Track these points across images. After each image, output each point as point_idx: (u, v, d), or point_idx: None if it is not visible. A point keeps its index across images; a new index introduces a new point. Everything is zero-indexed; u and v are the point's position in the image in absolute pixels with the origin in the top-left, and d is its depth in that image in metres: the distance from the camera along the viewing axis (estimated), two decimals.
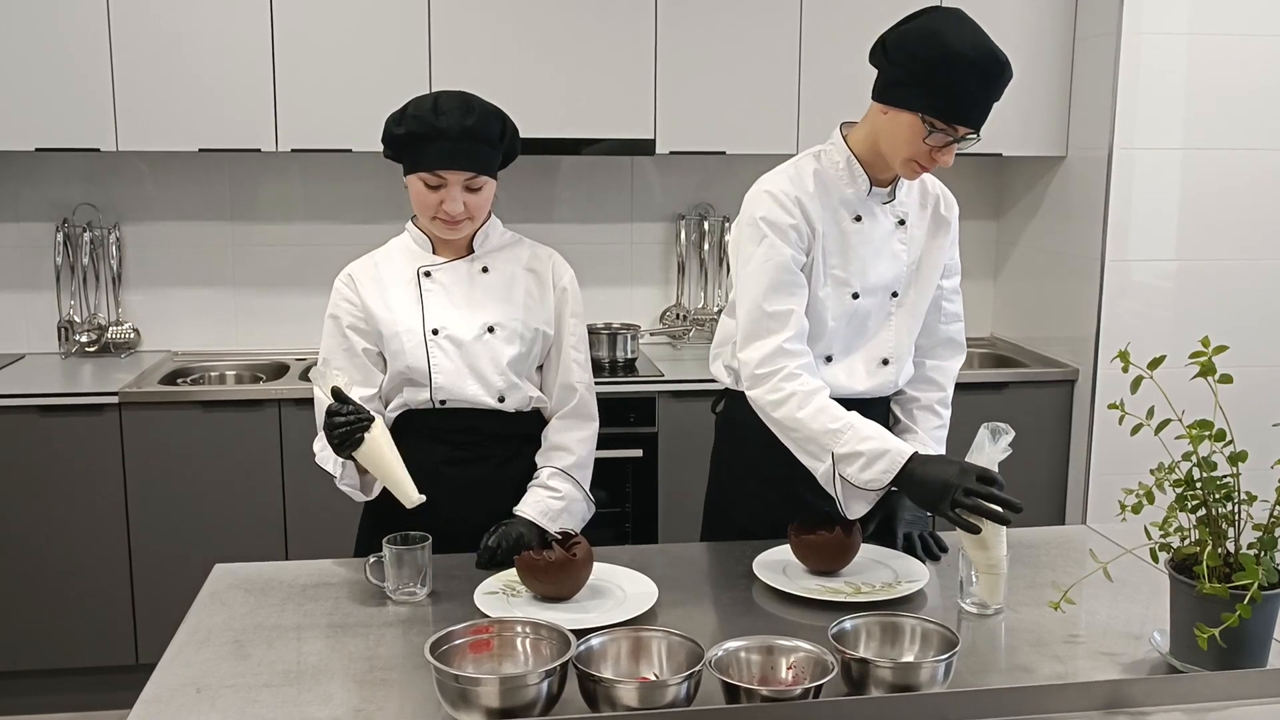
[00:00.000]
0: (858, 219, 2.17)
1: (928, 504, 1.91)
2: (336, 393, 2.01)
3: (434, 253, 2.23)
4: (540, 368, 2.28)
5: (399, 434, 2.12)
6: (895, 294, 2.22)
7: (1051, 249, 4.00)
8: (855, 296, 2.17)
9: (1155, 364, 1.67)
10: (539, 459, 2.25)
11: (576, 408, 2.28)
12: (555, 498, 2.19)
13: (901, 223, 2.22)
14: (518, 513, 2.15)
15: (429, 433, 2.18)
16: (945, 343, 2.34)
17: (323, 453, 2.13)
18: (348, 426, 1.98)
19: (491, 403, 2.18)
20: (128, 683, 3.49)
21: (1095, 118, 3.72)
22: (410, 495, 1.99)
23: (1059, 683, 1.63)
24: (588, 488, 2.26)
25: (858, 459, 1.98)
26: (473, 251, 2.23)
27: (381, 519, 2.15)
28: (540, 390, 2.27)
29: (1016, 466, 3.80)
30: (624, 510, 3.59)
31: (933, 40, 1.98)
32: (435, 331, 2.17)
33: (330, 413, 2.00)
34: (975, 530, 1.84)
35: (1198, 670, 1.64)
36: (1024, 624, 1.90)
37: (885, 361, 2.22)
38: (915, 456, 1.96)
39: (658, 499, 3.64)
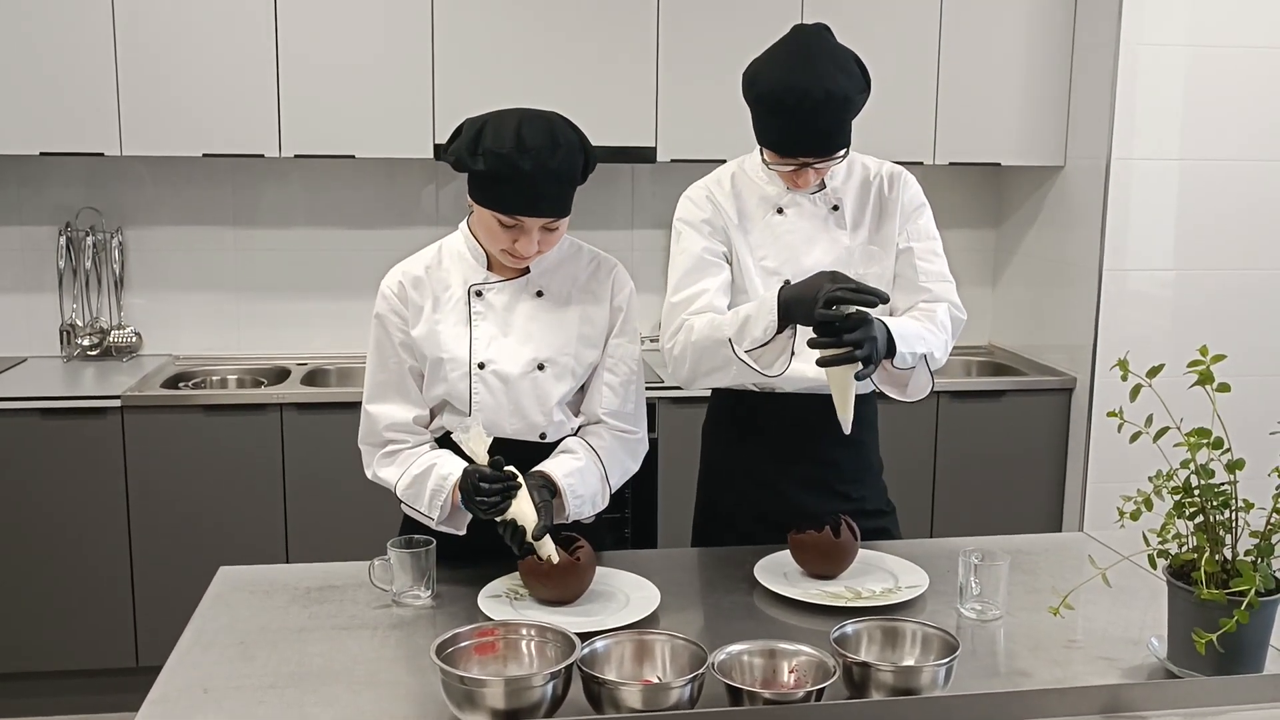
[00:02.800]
0: (780, 211, 2.22)
1: (809, 317, 1.94)
2: (496, 463, 1.90)
3: (488, 267, 2.09)
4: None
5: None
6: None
7: (1049, 258, 4.02)
8: (789, 283, 2.09)
9: (1154, 373, 1.68)
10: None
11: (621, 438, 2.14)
12: (575, 459, 2.06)
13: (835, 208, 2.25)
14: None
15: (465, 455, 2.09)
16: (929, 297, 2.24)
17: (409, 491, 2.03)
18: (499, 498, 1.89)
19: (532, 439, 2.08)
20: (128, 685, 3.50)
21: (1093, 128, 3.75)
22: (547, 555, 1.92)
23: (1058, 687, 1.65)
24: (612, 481, 2.11)
25: (744, 326, 2.05)
26: (528, 270, 2.09)
27: (422, 529, 2.08)
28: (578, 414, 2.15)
29: (1014, 473, 3.86)
30: (623, 516, 3.60)
31: (749, 81, 2.13)
32: (482, 365, 2.04)
33: (485, 479, 1.89)
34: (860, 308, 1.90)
35: (1195, 675, 1.66)
36: (1022, 629, 1.92)
37: None
38: (784, 287, 2.03)
39: (657, 504, 3.66)
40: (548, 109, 2.03)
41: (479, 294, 2.08)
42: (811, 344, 1.94)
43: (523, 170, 1.89)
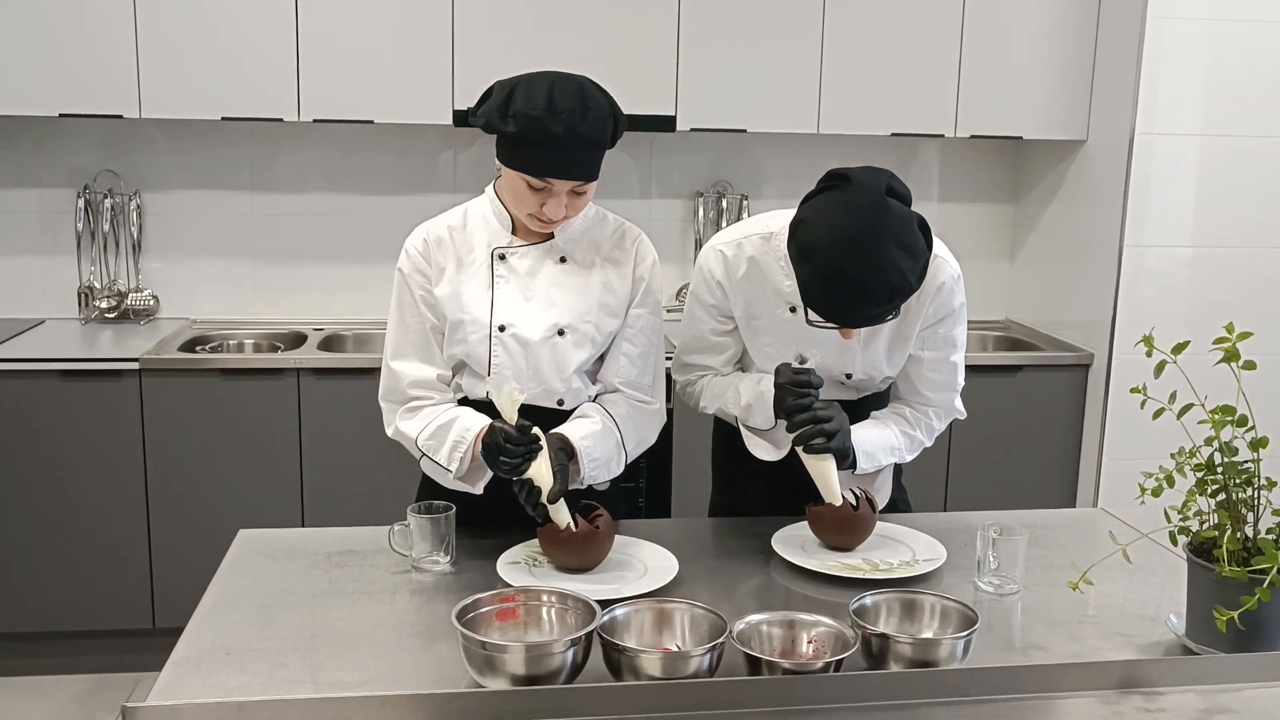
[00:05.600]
0: (792, 309, 2.14)
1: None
2: (523, 426, 1.90)
3: (513, 231, 2.09)
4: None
5: None
6: (849, 375, 2.20)
7: (1069, 233, 4.00)
8: (787, 366, 2.08)
9: (1179, 349, 1.68)
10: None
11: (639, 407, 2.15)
12: (592, 423, 2.06)
13: None
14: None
15: (494, 413, 2.06)
16: (923, 401, 2.25)
17: (430, 442, 2.03)
18: (521, 459, 1.90)
19: (549, 405, 2.08)
20: (145, 646, 3.55)
21: (1117, 102, 3.72)
22: (561, 520, 1.93)
23: (1076, 661, 1.66)
24: (629, 448, 2.11)
25: (747, 411, 2.16)
26: (553, 235, 2.09)
27: (440, 488, 2.10)
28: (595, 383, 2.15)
29: (1029, 449, 3.85)
30: (638, 485, 3.61)
31: (804, 248, 1.91)
32: (502, 328, 2.05)
33: (510, 439, 1.89)
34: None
35: (1214, 652, 1.66)
36: (1039, 604, 1.92)
37: (849, 376, 2.21)
38: (779, 372, 2.06)
39: (671, 473, 3.66)
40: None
41: (502, 257, 2.08)
42: (790, 430, 2.05)
43: (553, 133, 1.89)
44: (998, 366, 3.78)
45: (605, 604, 1.64)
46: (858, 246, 1.85)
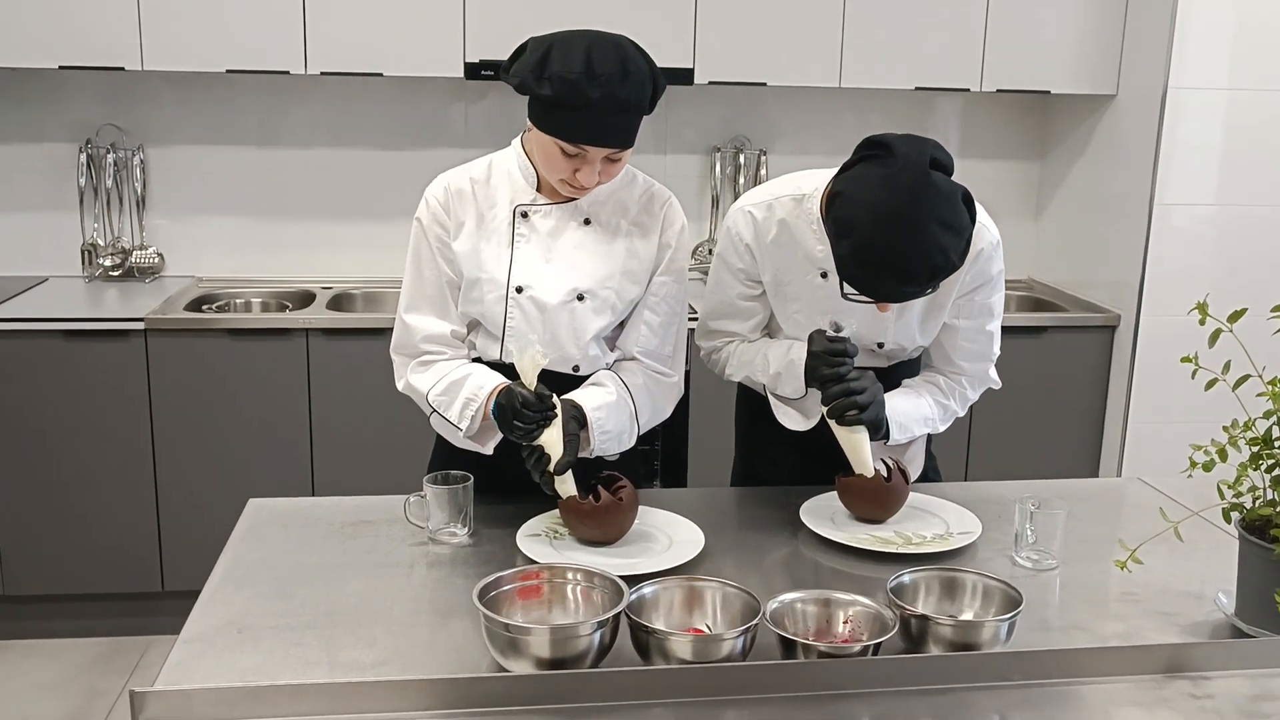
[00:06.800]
0: (824, 275, 2.05)
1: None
2: (541, 393, 1.84)
3: (537, 189, 2.00)
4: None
5: None
6: (881, 344, 2.13)
7: (1097, 191, 3.89)
8: (820, 334, 2.00)
9: (1235, 317, 1.60)
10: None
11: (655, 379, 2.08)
12: (606, 392, 1.98)
13: None
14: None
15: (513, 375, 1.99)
16: (957, 370, 2.17)
17: (441, 398, 1.96)
18: (535, 426, 1.84)
19: (564, 370, 2.00)
20: (154, 609, 3.52)
21: (1150, 55, 3.60)
22: (565, 492, 1.88)
23: (1124, 645, 1.59)
24: (642, 421, 2.04)
25: (776, 380, 2.09)
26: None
27: (453, 456, 2.04)
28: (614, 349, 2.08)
29: (1052, 412, 3.78)
30: (654, 447, 3.54)
31: (843, 223, 1.82)
32: (520, 289, 1.97)
33: (527, 404, 1.82)
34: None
35: (1267, 634, 1.59)
36: (1077, 580, 1.86)
37: (880, 345, 2.14)
38: (812, 338, 1.99)
39: (687, 434, 3.60)
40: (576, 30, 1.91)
41: (524, 215, 1.99)
42: (824, 402, 1.99)
43: (591, 98, 1.80)
44: (1022, 328, 3.69)
45: (631, 580, 1.58)
46: (900, 226, 1.75)
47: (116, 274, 3.88)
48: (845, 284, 1.86)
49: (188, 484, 3.46)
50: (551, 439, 1.85)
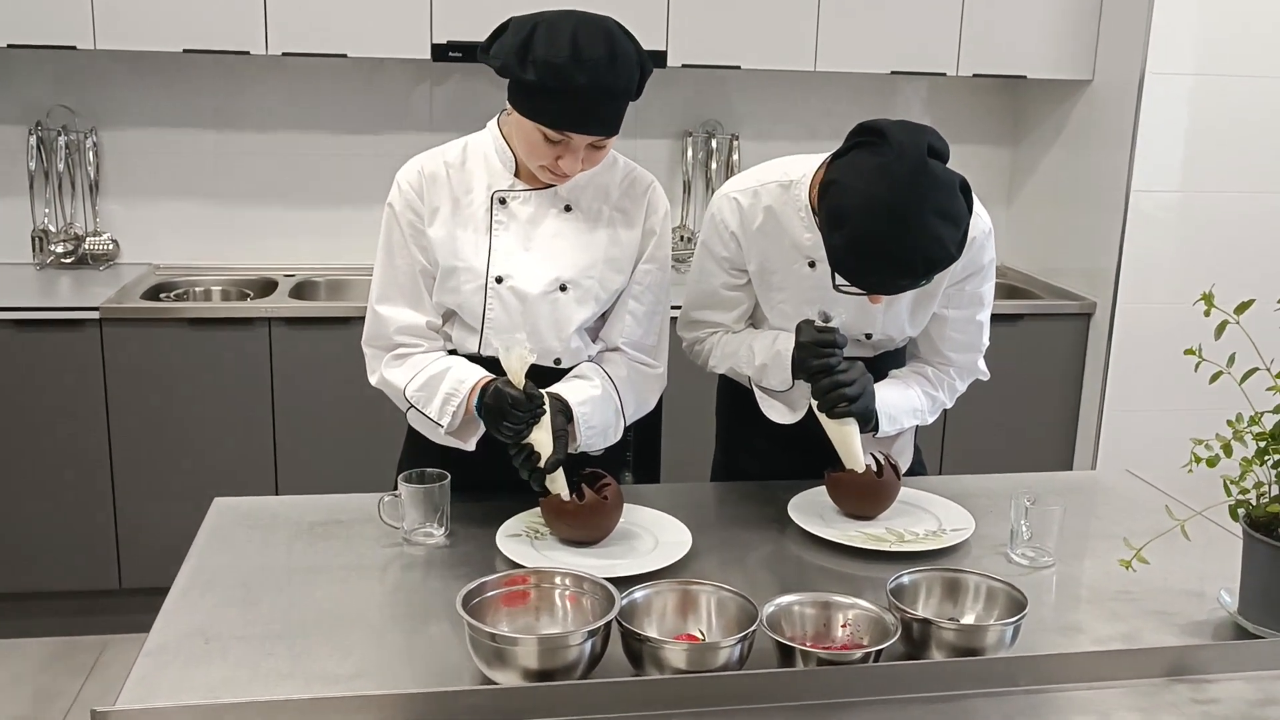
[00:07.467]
0: (812, 265, 1.98)
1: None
2: (530, 391, 1.76)
3: (515, 174, 1.91)
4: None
5: None
6: (869, 335, 2.07)
7: (1072, 177, 3.86)
8: (808, 324, 1.94)
9: (1243, 308, 1.55)
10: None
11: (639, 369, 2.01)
12: (591, 386, 1.92)
13: None
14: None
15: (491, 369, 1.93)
16: (945, 361, 2.13)
17: (420, 393, 1.88)
18: (524, 425, 1.76)
19: (546, 364, 1.92)
20: (111, 607, 3.41)
21: (1127, 40, 3.56)
22: (556, 490, 1.81)
23: (1129, 648, 1.55)
24: (627, 414, 1.98)
25: (761, 371, 2.03)
26: None
27: (425, 453, 1.96)
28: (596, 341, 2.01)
29: (1027, 401, 3.74)
30: (625, 439, 3.46)
31: (835, 213, 1.75)
32: (499, 280, 1.89)
33: (516, 404, 1.74)
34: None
35: (1273, 633, 1.55)
36: (1074, 578, 1.82)
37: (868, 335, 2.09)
38: (800, 329, 1.92)
39: (661, 424, 3.53)
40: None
41: (503, 202, 1.91)
42: (814, 395, 1.93)
43: (577, 84, 1.71)
44: (997, 315, 3.63)
45: (618, 582, 1.51)
46: (897, 218, 1.68)
47: (69, 261, 3.75)
48: (837, 275, 1.79)
49: (146, 479, 3.35)
50: (541, 437, 1.77)
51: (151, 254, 3.85)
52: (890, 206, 1.69)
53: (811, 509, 1.97)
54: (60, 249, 3.75)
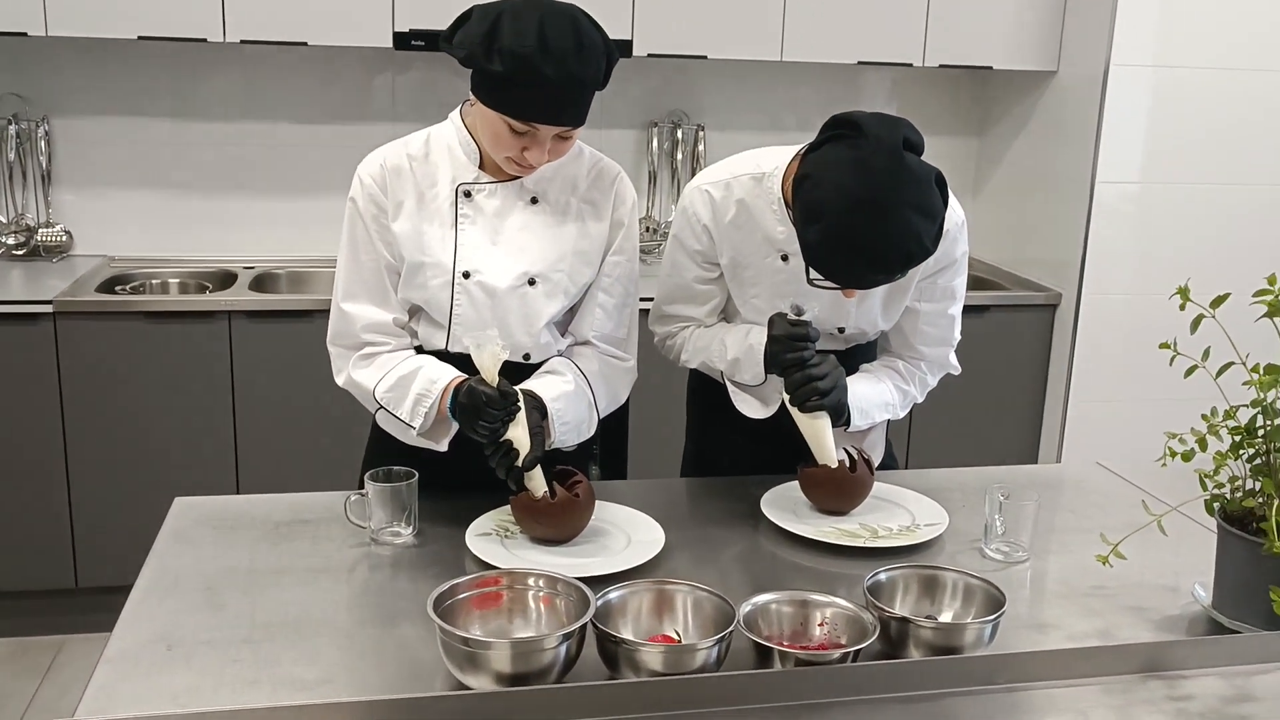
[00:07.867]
0: (785, 258, 1.96)
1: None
2: (504, 389, 1.72)
3: (480, 166, 1.88)
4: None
5: None
6: (842, 329, 2.06)
7: (1037, 168, 3.86)
8: (781, 316, 1.92)
9: (1218, 302, 1.54)
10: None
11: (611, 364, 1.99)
12: (564, 381, 1.89)
13: None
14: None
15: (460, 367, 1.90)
16: (917, 355, 2.12)
17: (390, 394, 1.83)
18: (500, 424, 1.72)
19: (515, 359, 1.88)
20: (67, 607, 3.34)
21: (1092, 31, 3.56)
22: (536, 488, 1.77)
23: (1105, 644, 1.55)
24: (600, 409, 1.96)
25: (734, 365, 2.00)
26: None
27: (390, 451, 1.92)
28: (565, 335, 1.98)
29: (992, 392, 3.75)
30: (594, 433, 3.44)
31: (811, 207, 1.73)
32: (467, 274, 1.85)
33: (492, 403, 1.70)
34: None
35: (1248, 628, 1.55)
36: (1049, 573, 1.81)
37: (841, 330, 2.07)
38: (772, 322, 1.90)
39: (628, 418, 3.50)
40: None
41: (467, 195, 1.87)
42: (786, 389, 1.91)
43: (544, 74, 1.68)
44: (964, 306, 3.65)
45: (591, 582, 1.48)
46: (872, 213, 1.67)
47: (21, 253, 3.67)
48: (811, 269, 1.77)
49: (103, 477, 3.28)
50: (518, 435, 1.74)
51: (106, 246, 3.77)
52: (866, 201, 1.67)
53: (784, 504, 1.95)
54: (12, 240, 3.66)
